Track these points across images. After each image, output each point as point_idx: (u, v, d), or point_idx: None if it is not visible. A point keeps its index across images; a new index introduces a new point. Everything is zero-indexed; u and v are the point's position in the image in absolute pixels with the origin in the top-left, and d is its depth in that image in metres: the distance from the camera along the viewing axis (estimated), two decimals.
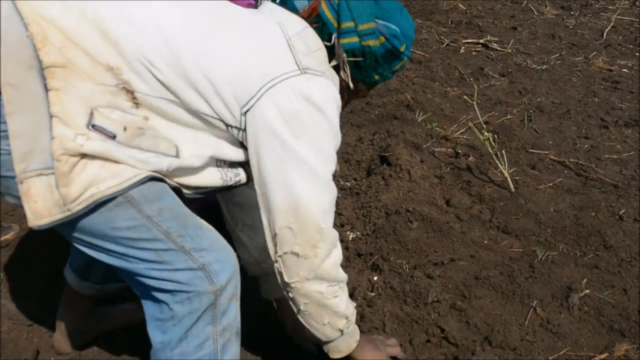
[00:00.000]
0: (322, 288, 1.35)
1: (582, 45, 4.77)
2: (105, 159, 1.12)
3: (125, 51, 1.12)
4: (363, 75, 1.38)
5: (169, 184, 1.24)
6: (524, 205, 2.62)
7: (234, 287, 1.31)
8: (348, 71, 1.35)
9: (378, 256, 2.26)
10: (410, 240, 2.32)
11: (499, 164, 2.78)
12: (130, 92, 1.14)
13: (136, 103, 1.15)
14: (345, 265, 2.29)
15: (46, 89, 1.08)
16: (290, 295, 1.37)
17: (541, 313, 1.98)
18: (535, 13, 5.55)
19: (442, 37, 4.74)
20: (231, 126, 1.23)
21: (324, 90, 1.25)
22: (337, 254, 1.37)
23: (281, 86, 1.20)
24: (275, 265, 1.34)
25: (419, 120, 3.27)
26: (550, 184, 2.80)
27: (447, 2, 5.54)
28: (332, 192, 1.32)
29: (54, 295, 1.99)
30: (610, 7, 5.79)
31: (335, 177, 2.90)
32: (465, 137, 3.17)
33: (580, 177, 2.92)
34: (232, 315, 1.32)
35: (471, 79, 4.00)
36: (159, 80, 1.15)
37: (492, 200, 2.66)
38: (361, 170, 2.98)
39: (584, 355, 1.85)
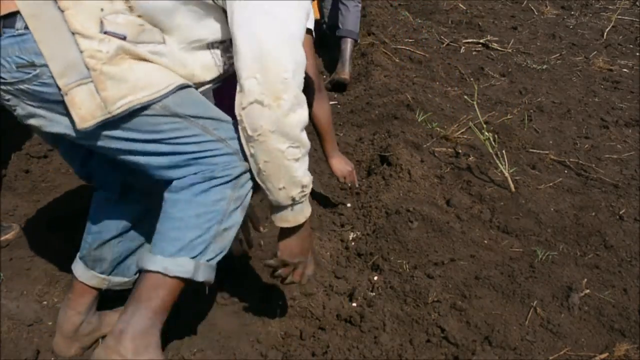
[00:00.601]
0: (283, 147, 1.37)
1: (582, 45, 4.77)
2: (136, 59, 1.30)
3: None
4: None
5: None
6: (524, 205, 2.62)
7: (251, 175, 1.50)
8: None
9: (378, 256, 2.26)
10: (411, 240, 2.31)
11: (499, 164, 2.78)
12: None
13: (129, 6, 1.31)
14: (345, 265, 2.29)
15: (61, 11, 1.25)
16: (252, 151, 1.40)
17: (541, 313, 1.98)
18: (536, 13, 5.55)
19: (442, 37, 4.74)
20: None
21: None
22: (303, 114, 1.40)
23: None
24: (240, 124, 1.39)
25: (419, 120, 3.27)
26: (551, 184, 2.80)
27: (447, 2, 5.54)
28: (298, 49, 1.36)
29: (54, 295, 1.99)
30: (610, 7, 5.79)
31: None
32: (465, 137, 3.17)
33: (580, 177, 2.92)
34: (246, 190, 1.49)
35: (471, 79, 4.00)
36: None
37: (492, 200, 2.66)
38: (361, 170, 2.98)
39: (584, 355, 1.85)
